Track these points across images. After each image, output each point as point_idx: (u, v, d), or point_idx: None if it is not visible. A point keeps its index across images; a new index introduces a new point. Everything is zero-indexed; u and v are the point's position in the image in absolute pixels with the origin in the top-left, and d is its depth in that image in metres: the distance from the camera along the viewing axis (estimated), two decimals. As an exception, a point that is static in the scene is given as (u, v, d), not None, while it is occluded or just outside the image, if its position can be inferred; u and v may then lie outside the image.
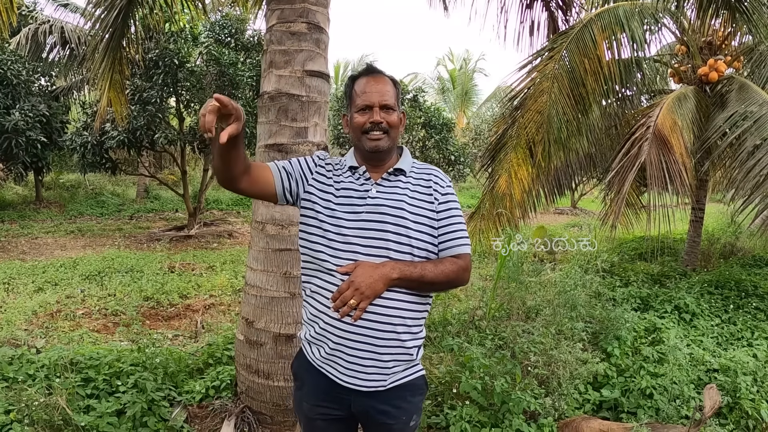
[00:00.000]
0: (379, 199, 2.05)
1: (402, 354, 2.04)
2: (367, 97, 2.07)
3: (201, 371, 4.55)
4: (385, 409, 2.07)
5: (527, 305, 5.71)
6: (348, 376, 2.03)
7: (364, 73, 2.15)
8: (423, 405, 3.89)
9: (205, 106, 1.69)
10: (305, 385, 2.17)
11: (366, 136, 2.07)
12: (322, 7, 3.89)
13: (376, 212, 2.03)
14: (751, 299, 6.88)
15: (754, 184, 6.34)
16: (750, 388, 4.42)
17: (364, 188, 2.09)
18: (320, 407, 2.13)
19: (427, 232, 2.05)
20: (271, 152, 3.76)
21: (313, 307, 2.09)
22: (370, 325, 1.98)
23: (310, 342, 2.13)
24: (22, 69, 13.59)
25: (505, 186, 6.17)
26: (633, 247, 10.63)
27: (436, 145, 16.03)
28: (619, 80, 6.82)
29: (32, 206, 16.33)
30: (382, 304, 1.98)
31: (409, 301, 2.03)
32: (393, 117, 2.09)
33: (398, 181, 2.11)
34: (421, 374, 2.16)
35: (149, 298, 7.67)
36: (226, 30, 12.54)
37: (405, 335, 2.03)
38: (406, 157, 2.18)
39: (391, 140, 2.10)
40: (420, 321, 2.10)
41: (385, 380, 2.04)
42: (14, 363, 4.09)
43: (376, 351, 2.00)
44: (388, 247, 2.00)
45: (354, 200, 2.07)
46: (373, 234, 2.01)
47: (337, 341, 2.02)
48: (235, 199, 20.11)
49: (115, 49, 5.88)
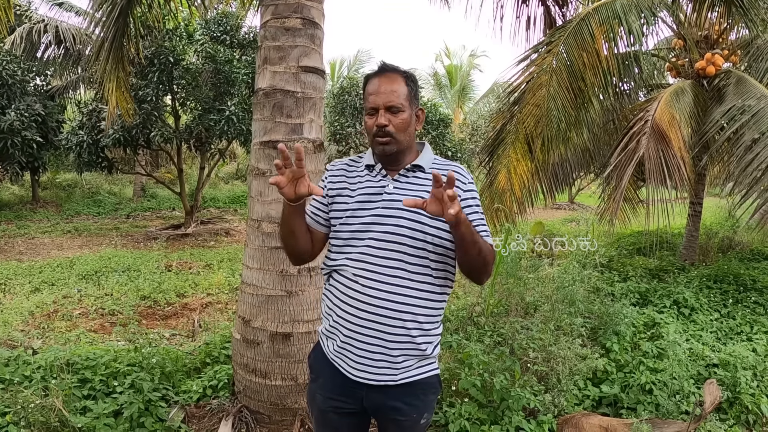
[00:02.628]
0: (395, 194, 2.05)
1: (412, 349, 2.04)
2: (373, 100, 2.04)
3: (198, 371, 4.53)
4: (397, 405, 2.08)
5: (526, 301, 5.69)
6: (358, 370, 2.05)
7: (376, 72, 2.11)
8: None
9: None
10: (320, 378, 2.20)
11: (376, 140, 2.05)
12: (317, 2, 3.85)
13: (392, 207, 2.02)
14: (750, 293, 6.87)
15: (752, 178, 6.32)
16: (750, 382, 4.41)
17: (381, 184, 2.08)
18: (333, 400, 2.15)
19: (444, 229, 2.00)
20: (266, 149, 3.73)
21: (329, 300, 2.13)
22: (379, 319, 1.99)
23: (326, 335, 2.17)
24: (17, 69, 13.54)
25: (505, 182, 6.15)
26: (631, 241, 10.61)
27: (433, 141, 16.01)
28: (617, 74, 6.79)
29: (29, 206, 16.27)
30: (392, 299, 1.99)
31: (422, 297, 2.03)
32: (400, 118, 2.03)
33: (416, 177, 2.09)
34: (435, 373, 2.15)
35: (146, 297, 7.64)
36: (222, 27, 12.49)
37: (415, 331, 2.02)
38: (426, 154, 2.15)
39: (398, 143, 2.05)
40: (434, 318, 2.08)
41: (396, 375, 2.05)
42: (10, 364, 4.06)
43: (384, 345, 2.01)
44: (402, 242, 2.00)
45: (370, 197, 2.07)
46: (388, 228, 2.01)
47: (347, 334, 2.04)
48: (231, 196, 20.08)
49: (118, 48, 5.90)
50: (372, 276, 2.00)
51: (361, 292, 2.01)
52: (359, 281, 2.02)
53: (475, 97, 33.12)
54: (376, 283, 2.00)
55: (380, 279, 2.00)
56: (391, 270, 2.00)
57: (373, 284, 2.00)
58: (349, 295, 2.04)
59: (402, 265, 2.00)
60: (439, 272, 2.06)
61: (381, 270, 2.00)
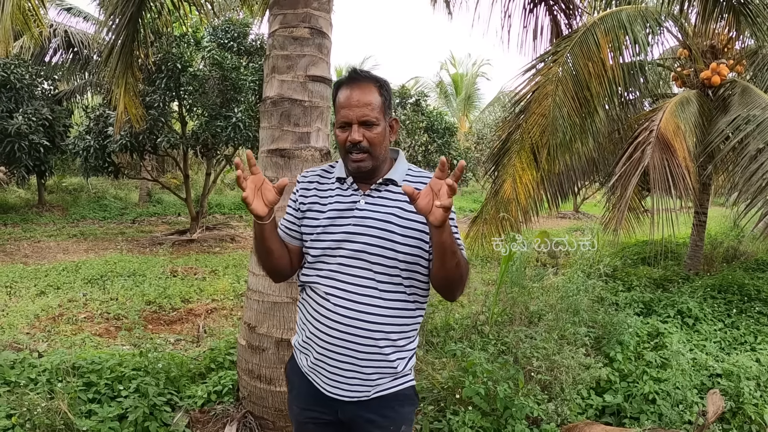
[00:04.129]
0: (366, 211, 1.99)
1: (385, 367, 2.01)
2: (345, 114, 1.94)
3: (203, 376, 4.55)
4: (372, 417, 2.05)
5: (530, 310, 5.70)
6: (331, 386, 2.04)
7: (346, 80, 2.00)
8: (427, 411, 3.89)
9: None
10: (295, 389, 2.19)
11: (349, 157, 1.96)
12: (325, 12, 3.89)
13: (362, 225, 1.97)
14: (754, 303, 6.86)
15: (757, 187, 6.32)
16: (753, 392, 4.41)
17: (352, 200, 2.02)
18: (309, 411, 2.14)
19: (417, 246, 1.97)
20: (273, 157, 3.76)
21: (303, 315, 2.12)
22: (350, 338, 1.97)
23: (299, 349, 2.15)
24: (25, 72, 13.65)
25: (510, 191, 6.15)
26: (635, 251, 10.60)
27: (438, 149, 16.05)
28: (623, 84, 6.80)
29: (35, 210, 16.32)
30: (364, 318, 1.96)
31: (394, 315, 1.99)
32: (375, 132, 1.94)
33: (388, 191, 2.02)
34: (410, 385, 2.11)
35: (151, 302, 7.67)
36: (229, 34, 12.56)
37: (387, 348, 2.00)
38: (399, 165, 2.06)
39: (374, 159, 1.97)
40: (408, 334, 2.05)
41: (369, 391, 2.03)
42: (16, 367, 4.09)
43: (357, 363, 1.99)
44: (373, 261, 1.96)
45: (341, 212, 2.01)
46: (359, 246, 1.97)
47: (320, 351, 2.02)
48: (237, 203, 20.12)
49: (128, 54, 5.94)
50: (343, 295, 1.97)
51: (332, 311, 1.98)
52: (330, 299, 1.99)
53: (480, 106, 33.19)
54: (347, 302, 1.96)
55: (351, 298, 1.96)
56: (362, 288, 1.96)
57: (344, 303, 1.96)
58: (321, 313, 2.01)
59: (373, 283, 1.97)
60: (411, 288, 2.02)
61: (352, 288, 1.97)
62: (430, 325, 5.52)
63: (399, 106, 15.92)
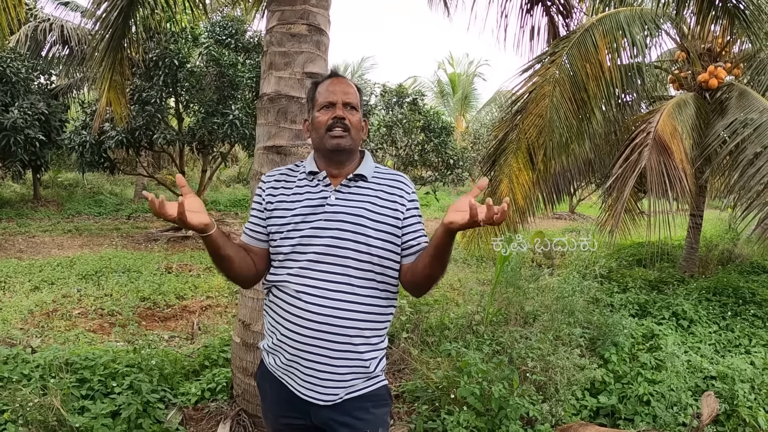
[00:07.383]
0: (337, 206, 1.99)
1: (359, 366, 1.99)
2: (330, 95, 2.02)
3: (197, 373, 4.54)
4: (347, 420, 2.02)
5: (525, 310, 5.70)
6: (305, 388, 2.00)
7: (328, 76, 2.11)
8: (421, 411, 3.89)
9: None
10: (268, 396, 2.16)
11: (329, 134, 2.00)
12: (323, 9, 3.87)
13: (334, 219, 1.97)
14: (749, 306, 6.88)
15: (754, 192, 6.34)
16: (747, 395, 4.42)
17: (322, 195, 2.02)
18: (284, 417, 2.11)
19: (389, 240, 1.99)
20: (270, 154, 3.75)
21: (271, 318, 2.08)
22: (324, 336, 1.94)
23: (269, 352, 2.11)
24: (21, 67, 13.58)
25: (507, 191, 6.15)
26: (631, 252, 10.62)
27: (435, 149, 16.02)
28: (620, 85, 6.81)
29: (30, 204, 16.28)
30: (337, 314, 1.94)
31: (368, 312, 1.98)
32: (356, 117, 2.03)
33: (358, 187, 2.04)
34: (382, 385, 2.09)
35: (146, 298, 7.65)
36: (227, 31, 12.53)
37: (362, 346, 1.98)
38: (367, 162, 2.10)
39: (353, 140, 2.02)
40: (380, 332, 2.04)
41: (341, 393, 2.00)
42: (9, 362, 4.07)
43: (331, 363, 1.96)
44: (346, 255, 1.95)
45: (312, 209, 2.01)
46: (330, 242, 1.95)
47: (293, 352, 1.99)
48: (233, 200, 20.10)
49: (116, 50, 5.83)
50: (315, 292, 1.94)
51: (304, 309, 1.94)
52: (302, 298, 1.95)
53: (477, 106, 33.20)
54: (320, 299, 1.94)
55: (324, 295, 1.94)
56: (335, 285, 1.95)
57: (317, 300, 1.94)
58: (293, 312, 1.97)
59: (346, 279, 1.95)
60: (384, 284, 2.01)
61: (324, 285, 1.95)
62: (425, 324, 5.51)
63: (396, 105, 15.88)
